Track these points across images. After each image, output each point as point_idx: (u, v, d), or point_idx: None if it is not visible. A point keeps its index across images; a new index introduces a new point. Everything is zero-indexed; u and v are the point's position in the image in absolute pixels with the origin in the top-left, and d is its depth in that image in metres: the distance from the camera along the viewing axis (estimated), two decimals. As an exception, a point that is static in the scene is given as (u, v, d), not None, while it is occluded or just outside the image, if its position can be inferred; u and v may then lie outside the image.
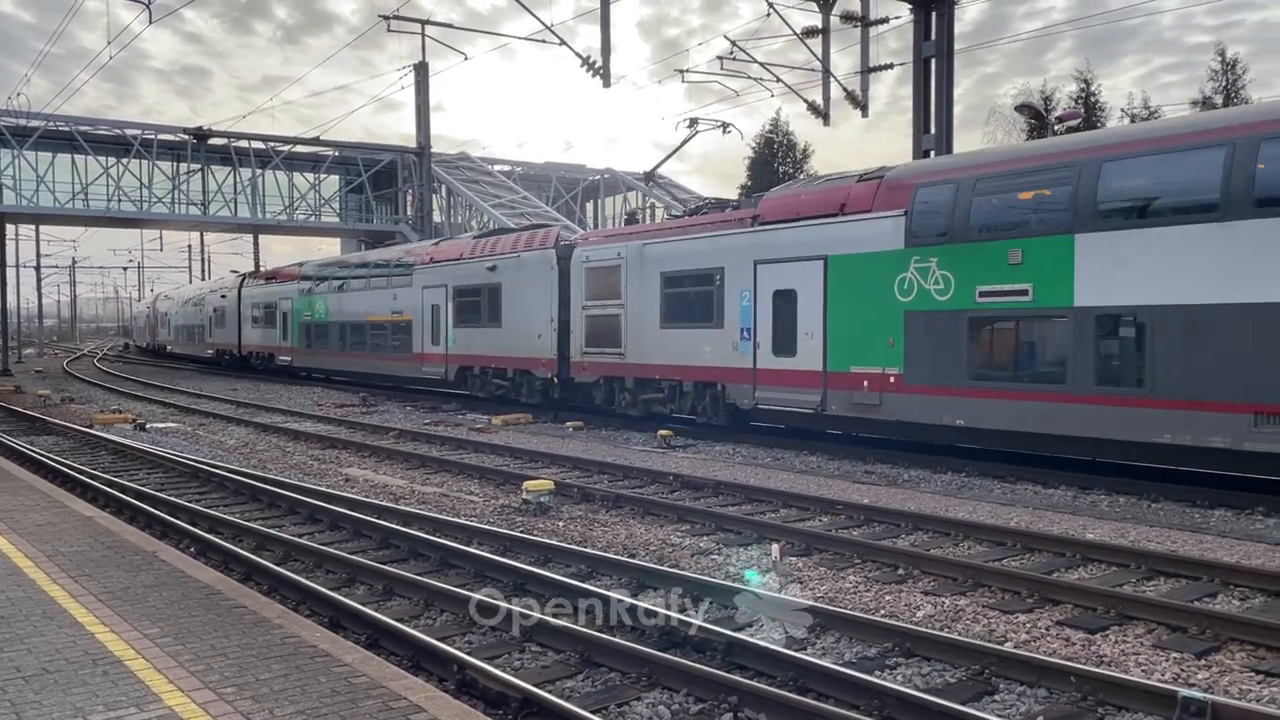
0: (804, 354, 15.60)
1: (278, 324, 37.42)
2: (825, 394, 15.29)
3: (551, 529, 10.34)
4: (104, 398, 29.45)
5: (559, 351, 21.07)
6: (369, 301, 29.95)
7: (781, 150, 50.58)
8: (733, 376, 16.99)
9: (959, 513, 10.79)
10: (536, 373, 21.96)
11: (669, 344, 18.39)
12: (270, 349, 38.43)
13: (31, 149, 43.28)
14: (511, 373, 22.97)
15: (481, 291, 23.82)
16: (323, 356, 33.59)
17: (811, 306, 15.45)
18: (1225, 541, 9.44)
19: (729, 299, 16.93)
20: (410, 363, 27.06)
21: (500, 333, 23.13)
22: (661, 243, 18.73)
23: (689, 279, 17.98)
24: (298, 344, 35.48)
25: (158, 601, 6.42)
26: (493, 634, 6.72)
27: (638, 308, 18.97)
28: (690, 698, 5.57)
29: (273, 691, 4.83)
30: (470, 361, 24.43)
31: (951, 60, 21.32)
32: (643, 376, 19.16)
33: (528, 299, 22.05)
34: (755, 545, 9.46)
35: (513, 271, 22.69)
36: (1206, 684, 5.81)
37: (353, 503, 11.44)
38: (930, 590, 7.92)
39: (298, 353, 35.65)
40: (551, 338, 21.24)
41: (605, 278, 19.79)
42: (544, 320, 21.42)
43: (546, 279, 21.39)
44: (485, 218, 44.19)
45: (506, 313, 22.88)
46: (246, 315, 41.32)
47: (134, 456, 15.98)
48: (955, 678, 5.92)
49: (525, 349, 22.17)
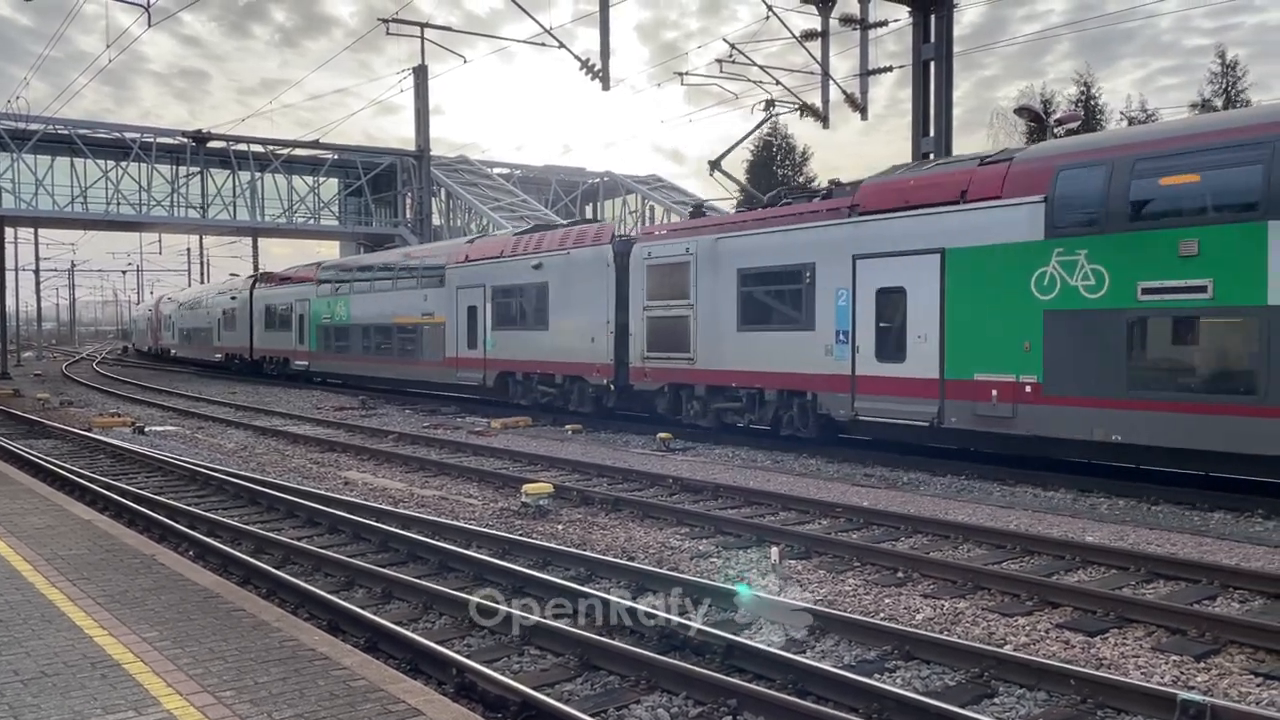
0: (915, 359, 13.98)
1: (293, 327, 35.79)
2: (942, 405, 13.63)
3: (551, 532, 10.33)
4: (103, 401, 29.44)
5: (616, 356, 19.54)
6: (396, 303, 28.37)
7: (780, 153, 50.63)
8: (826, 384, 15.38)
9: (958, 515, 10.78)
10: (590, 379, 20.36)
11: (747, 348, 16.74)
12: (285, 353, 36.78)
13: (31, 152, 43.28)
14: (560, 379, 21.42)
15: (525, 291, 22.27)
16: (343, 361, 31.96)
17: (924, 306, 13.86)
18: (1225, 544, 9.44)
19: (821, 298, 15.35)
20: (442, 368, 25.49)
21: (547, 336, 21.55)
22: (738, 236, 17.06)
23: (772, 276, 16.41)
24: (316, 348, 33.86)
25: (156, 605, 6.41)
26: (492, 637, 6.71)
27: (710, 308, 17.39)
28: (690, 701, 5.56)
29: (271, 695, 4.82)
30: (512, 367, 22.95)
31: (950, 63, 21.35)
32: (715, 384, 17.50)
33: (579, 299, 20.48)
34: (755, 548, 9.45)
35: (561, 270, 21.11)
36: (1206, 687, 5.80)
37: (352, 506, 11.43)
38: (930, 593, 7.91)
39: (316, 357, 33.97)
40: (607, 341, 19.67)
41: (671, 275, 18.21)
42: (599, 322, 19.89)
43: (602, 277, 19.83)
44: (485, 221, 44.22)
45: (554, 314, 21.32)
46: (259, 318, 39.72)
47: (133, 460, 15.96)
48: (955, 680, 5.92)
49: (577, 353, 20.63)
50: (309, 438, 18.90)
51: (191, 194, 47.48)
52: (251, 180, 47.60)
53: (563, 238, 21.76)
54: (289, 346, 36.34)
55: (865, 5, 22.04)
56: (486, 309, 23.54)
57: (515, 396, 22.90)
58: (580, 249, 20.81)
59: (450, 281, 25.25)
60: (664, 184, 54.85)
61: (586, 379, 20.52)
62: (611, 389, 19.87)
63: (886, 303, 14.52)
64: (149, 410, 25.87)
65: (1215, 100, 39.05)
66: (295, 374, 35.87)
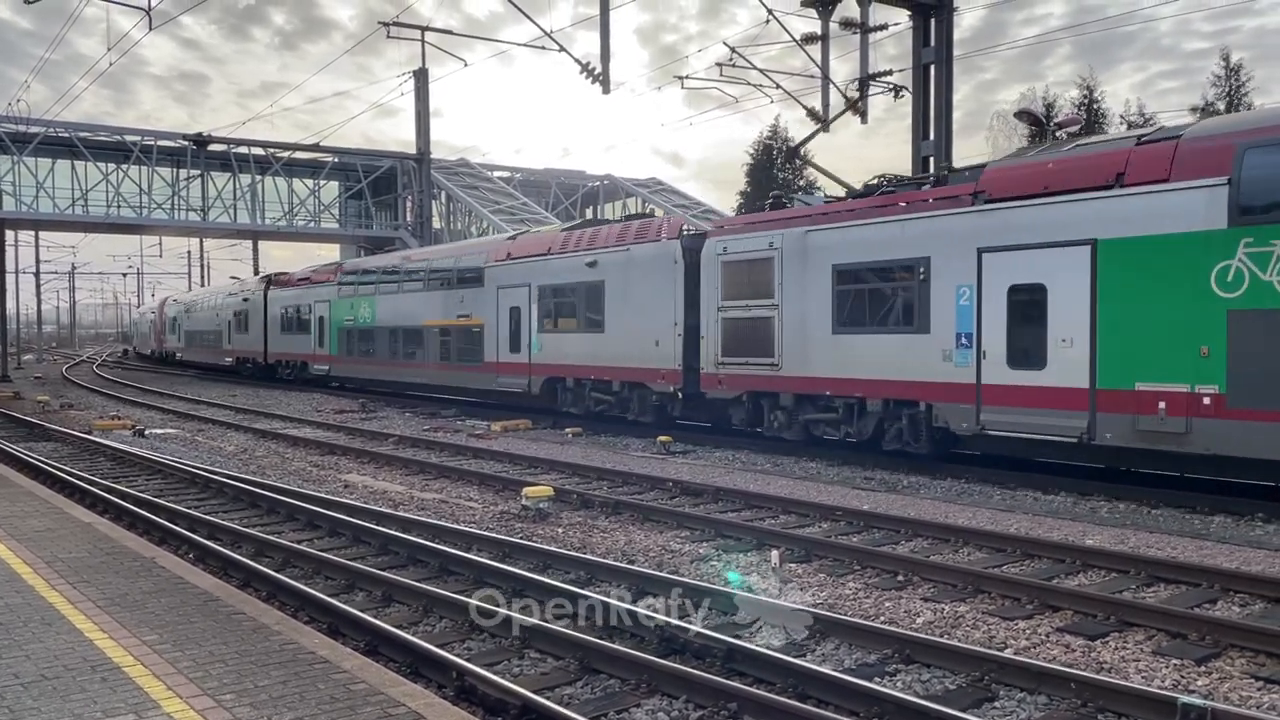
0: (1058, 367, 12.42)
1: (312, 330, 34.23)
2: (1094, 418, 12.04)
3: (551, 535, 10.33)
4: (103, 404, 29.44)
5: (684, 361, 18.07)
6: (428, 304, 26.82)
7: (781, 157, 50.66)
8: (943, 394, 13.78)
9: (959, 519, 10.78)
10: (654, 386, 18.88)
11: (845, 353, 15.13)
12: (303, 357, 35.25)
13: (31, 155, 43.35)
14: (618, 386, 19.91)
15: (577, 291, 20.80)
16: (368, 366, 30.48)
17: (1070, 305, 12.29)
18: (1225, 548, 9.44)
19: (938, 297, 13.82)
20: (482, 373, 24.00)
21: (603, 339, 20.11)
22: (832, 229, 15.39)
23: (875, 272, 14.84)
24: (337, 352, 32.33)
25: (156, 608, 6.41)
26: (492, 640, 6.71)
27: (798, 308, 15.81)
28: (690, 704, 5.56)
29: (271, 698, 4.82)
30: (561, 372, 21.44)
31: (951, 66, 21.36)
32: (805, 392, 15.85)
33: (641, 299, 19.04)
34: (755, 551, 9.45)
35: (620, 267, 19.67)
36: (1206, 690, 5.80)
37: (352, 509, 11.42)
38: (930, 596, 7.91)
39: (337, 361, 32.51)
40: (674, 345, 18.23)
41: (751, 273, 16.60)
42: (665, 324, 18.40)
43: (668, 275, 18.39)
44: (485, 224, 44.26)
45: (611, 315, 19.87)
46: (274, 320, 38.06)
47: (133, 463, 15.96)
48: (955, 684, 5.91)
49: (637, 358, 19.12)
50: (309, 440, 18.90)
51: (192, 197, 47.57)
52: (252, 183, 47.66)
53: (621, 233, 20.36)
54: (307, 350, 34.85)
55: (865, 9, 22.05)
56: (532, 310, 22.09)
57: (565, 404, 21.50)
58: (644, 244, 19.38)
59: (491, 281, 23.77)
60: (664, 187, 54.93)
61: (649, 385, 19.09)
62: (678, 396, 18.46)
63: (1021, 302, 12.94)
64: (149, 413, 25.86)
65: (1219, 104, 39.08)
66: (314, 379, 34.56)
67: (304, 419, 23.49)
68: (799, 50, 22.76)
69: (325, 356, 33.39)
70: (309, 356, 34.75)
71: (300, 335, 35.53)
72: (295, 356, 36.16)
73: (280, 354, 37.78)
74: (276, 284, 39.43)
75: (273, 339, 38.45)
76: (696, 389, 17.87)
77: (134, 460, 16.07)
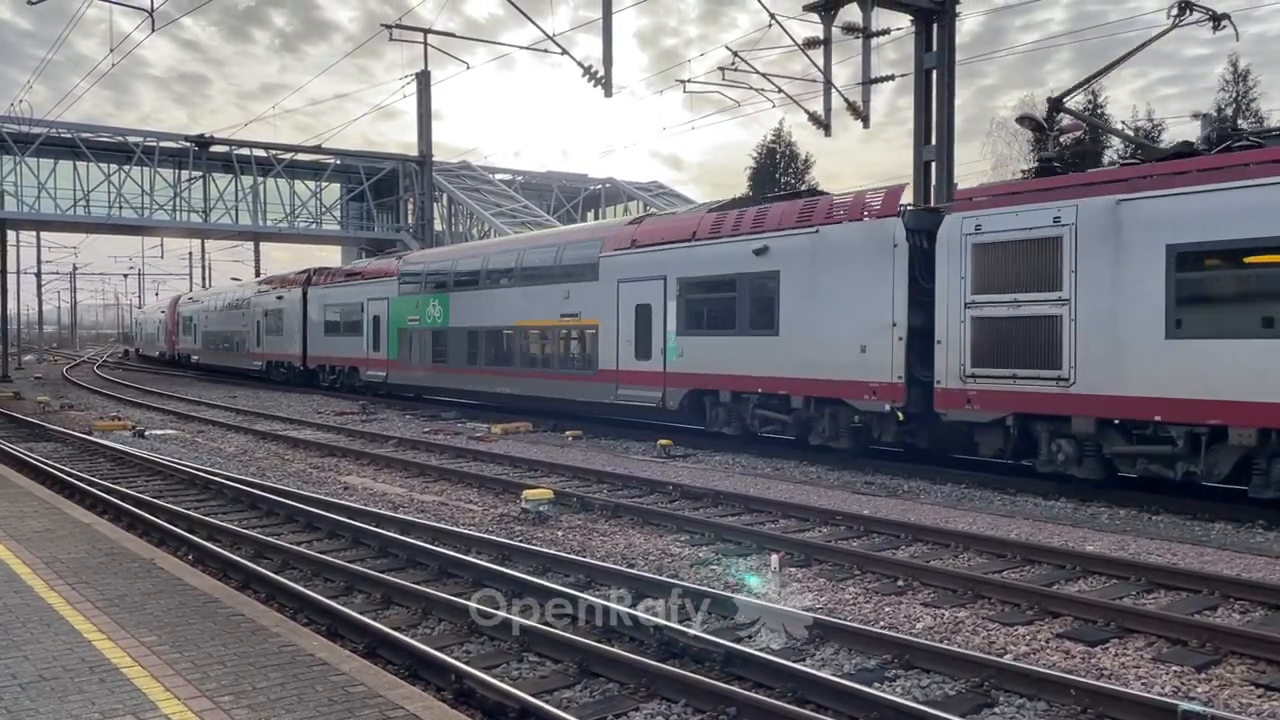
0: None
1: (365, 331, 30.38)
2: None
3: (551, 538, 10.32)
4: (103, 405, 29.46)
5: (906, 372, 14.39)
6: (521, 302, 23.00)
7: (784, 160, 50.67)
8: None
9: (959, 524, 10.77)
10: (856, 403, 15.12)
11: (1187, 366, 11.44)
12: (352, 362, 31.45)
13: (33, 156, 43.41)
14: (799, 402, 16.16)
15: (736, 285, 17.20)
16: (438, 373, 26.61)
17: None
18: (1226, 554, 9.42)
19: None
20: (596, 383, 20.36)
21: (777, 344, 16.41)
22: (1168, 196, 11.66)
23: (1237, 255, 11.19)
24: (397, 356, 28.56)
25: (155, 609, 6.41)
26: (491, 643, 6.70)
27: (1103, 305, 12.17)
28: (689, 708, 5.55)
29: (270, 700, 4.81)
30: (712, 383, 17.78)
31: (953, 71, 21.38)
32: (1115, 417, 12.15)
33: (838, 293, 15.40)
34: (755, 555, 9.44)
35: (804, 254, 16.00)
36: (1207, 697, 5.79)
37: (351, 511, 11.42)
38: (930, 602, 7.90)
39: (396, 367, 28.68)
40: (893, 351, 14.54)
41: (1023, 258, 12.99)
42: (877, 325, 14.74)
43: (883, 262, 14.69)
44: (486, 226, 44.31)
45: (789, 314, 16.20)
46: (316, 320, 34.37)
47: (133, 464, 15.96)
48: (955, 690, 5.90)
49: (833, 367, 15.44)
50: (309, 442, 18.89)
51: (194, 198, 47.63)
52: (254, 185, 47.73)
53: (803, 211, 16.51)
54: (358, 354, 30.99)
55: (868, 14, 22.07)
56: (669, 307, 18.58)
57: (716, 423, 17.89)
58: (840, 225, 15.66)
59: (607, 273, 20.16)
60: (666, 190, 55.00)
61: (849, 402, 15.35)
62: (898, 416, 14.72)
63: None
64: (149, 414, 25.87)
65: (1227, 110, 39.07)
66: (365, 386, 30.80)
67: (304, 420, 23.49)
68: (797, 55, 22.79)
69: (382, 361, 29.52)
70: (360, 361, 30.91)
71: (349, 337, 31.62)
72: (342, 361, 32.33)
73: (323, 358, 33.94)
74: (319, 281, 35.36)
75: (313, 341, 34.73)
76: (927, 408, 14.22)
77: (134, 461, 16.07)
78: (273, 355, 38.57)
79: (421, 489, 13.79)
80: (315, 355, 34.55)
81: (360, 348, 30.79)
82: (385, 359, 29.27)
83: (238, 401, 29.47)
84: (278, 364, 38.08)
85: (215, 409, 27.10)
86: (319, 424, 22.69)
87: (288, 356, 36.87)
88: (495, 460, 16.27)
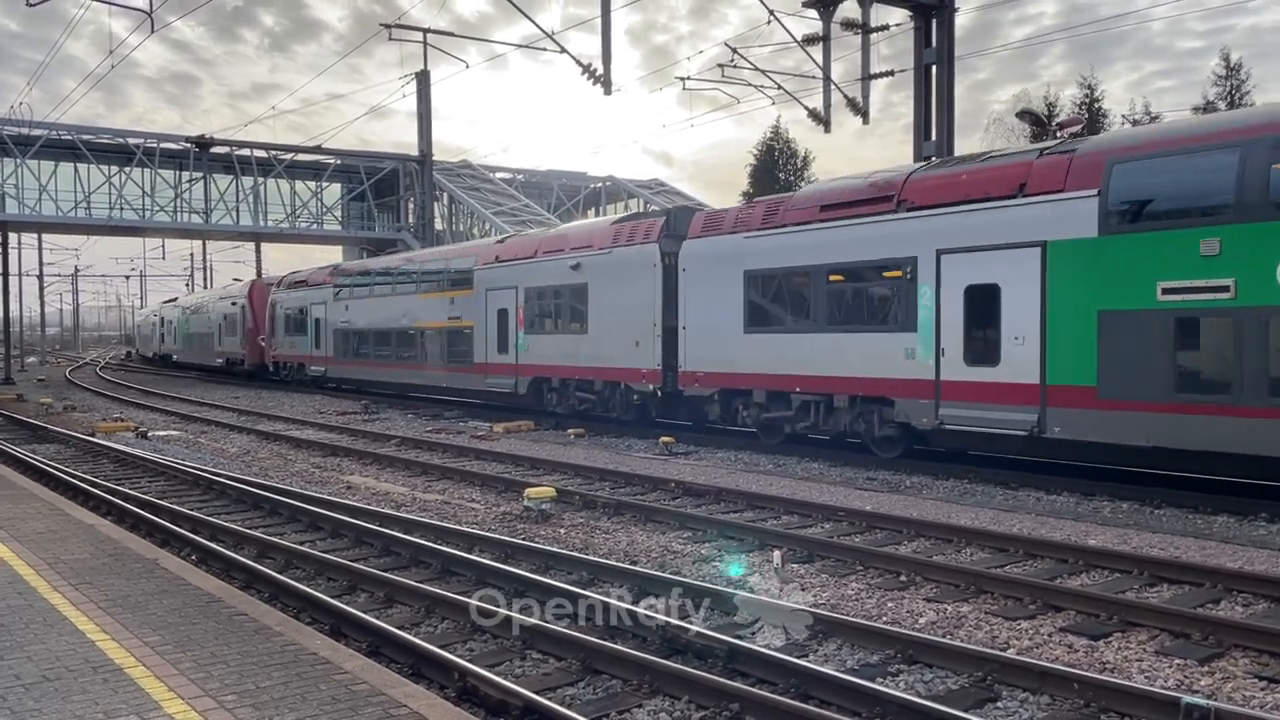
0: None
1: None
2: None
3: (553, 536, 10.33)
4: (106, 406, 29.49)
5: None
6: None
7: (783, 157, 50.66)
8: None
9: (961, 519, 10.76)
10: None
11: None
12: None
13: (34, 158, 43.44)
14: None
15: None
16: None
17: None
18: (1228, 547, 9.42)
19: None
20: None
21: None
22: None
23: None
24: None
25: (158, 609, 6.41)
26: (494, 641, 6.71)
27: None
28: (692, 705, 5.55)
29: (273, 699, 4.82)
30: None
31: (952, 66, 21.33)
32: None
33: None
34: (757, 552, 9.44)
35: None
36: (1210, 690, 5.79)
37: (354, 510, 11.43)
38: (932, 597, 7.89)
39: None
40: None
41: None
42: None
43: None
44: (487, 225, 44.30)
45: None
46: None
47: (136, 464, 15.98)
48: (958, 684, 5.90)
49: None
50: (312, 442, 18.90)
51: (194, 199, 47.65)
52: (254, 185, 47.73)
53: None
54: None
55: (867, 9, 22.05)
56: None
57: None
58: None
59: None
60: (666, 187, 54.94)
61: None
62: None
63: None
64: (152, 415, 25.89)
65: (1219, 103, 39.05)
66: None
67: (306, 420, 23.50)
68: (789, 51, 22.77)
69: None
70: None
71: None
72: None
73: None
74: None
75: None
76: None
77: (137, 462, 16.09)
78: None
79: (424, 488, 13.80)
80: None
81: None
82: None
83: (240, 402, 29.50)
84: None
85: (218, 410, 27.12)
86: (321, 424, 22.70)
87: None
88: (497, 459, 16.28)
